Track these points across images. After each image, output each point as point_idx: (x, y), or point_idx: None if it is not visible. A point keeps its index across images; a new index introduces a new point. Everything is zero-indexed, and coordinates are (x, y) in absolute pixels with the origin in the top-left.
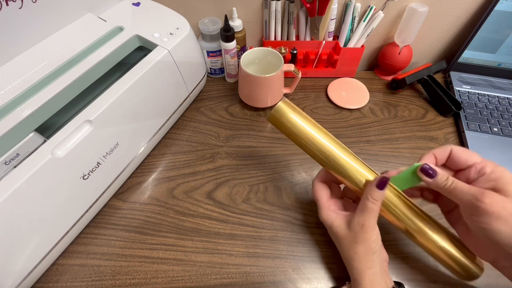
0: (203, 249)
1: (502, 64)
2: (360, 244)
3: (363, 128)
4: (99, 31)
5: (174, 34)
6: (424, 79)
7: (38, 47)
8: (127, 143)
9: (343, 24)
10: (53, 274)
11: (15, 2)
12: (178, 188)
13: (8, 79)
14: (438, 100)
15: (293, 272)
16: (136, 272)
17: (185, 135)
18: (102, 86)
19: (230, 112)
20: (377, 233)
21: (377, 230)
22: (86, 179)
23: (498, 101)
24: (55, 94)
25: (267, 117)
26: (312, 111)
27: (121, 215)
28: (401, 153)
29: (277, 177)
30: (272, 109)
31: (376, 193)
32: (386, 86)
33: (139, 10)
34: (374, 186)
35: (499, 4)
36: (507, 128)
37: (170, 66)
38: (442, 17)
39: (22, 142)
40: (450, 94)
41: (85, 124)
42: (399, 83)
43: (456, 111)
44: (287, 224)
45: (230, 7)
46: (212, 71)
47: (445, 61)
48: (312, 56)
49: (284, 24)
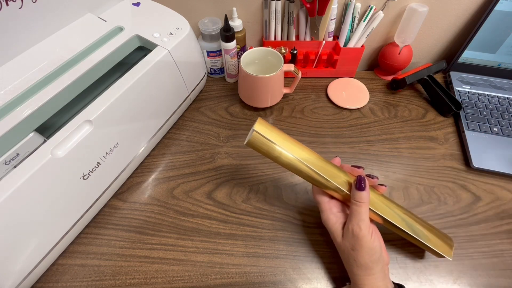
0: (203, 249)
1: (502, 64)
2: (358, 252)
3: (363, 128)
4: (99, 31)
5: (174, 34)
6: (424, 79)
7: (38, 47)
8: (127, 143)
9: (343, 24)
10: (53, 274)
11: (15, 2)
12: (178, 188)
13: (8, 79)
14: (438, 100)
15: (293, 272)
16: (136, 272)
17: (185, 135)
18: (102, 86)
19: (230, 112)
20: (375, 240)
21: (376, 236)
22: (86, 179)
23: (498, 101)
24: (55, 94)
25: (246, 143)
26: (312, 111)
27: (121, 215)
28: (401, 153)
29: (277, 177)
30: (248, 137)
31: (357, 194)
32: (386, 86)
33: (139, 10)
34: (354, 189)
35: (499, 4)
36: (507, 128)
37: (170, 66)
38: (442, 17)
39: (22, 142)
40: (450, 94)
41: (85, 124)
42: (399, 83)
43: (456, 111)
44: (287, 224)
45: (230, 7)
46: (212, 71)
47: (445, 61)
48: (312, 56)
49: (284, 24)
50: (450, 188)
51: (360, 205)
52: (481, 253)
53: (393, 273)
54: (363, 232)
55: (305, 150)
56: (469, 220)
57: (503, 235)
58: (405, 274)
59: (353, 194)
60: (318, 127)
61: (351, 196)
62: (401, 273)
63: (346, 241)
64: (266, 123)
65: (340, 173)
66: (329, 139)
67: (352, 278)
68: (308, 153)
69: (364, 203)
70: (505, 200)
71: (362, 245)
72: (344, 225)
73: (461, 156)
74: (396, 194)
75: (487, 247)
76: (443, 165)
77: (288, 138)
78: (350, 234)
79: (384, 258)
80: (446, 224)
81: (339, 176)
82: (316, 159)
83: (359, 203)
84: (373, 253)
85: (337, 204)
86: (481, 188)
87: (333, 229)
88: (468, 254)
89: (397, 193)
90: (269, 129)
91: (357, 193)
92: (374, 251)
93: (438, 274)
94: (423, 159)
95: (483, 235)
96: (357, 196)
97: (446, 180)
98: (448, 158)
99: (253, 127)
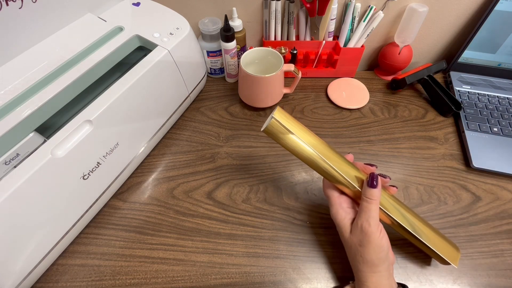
0: (203, 249)
1: (502, 64)
2: (365, 248)
3: (363, 128)
4: (99, 31)
5: (174, 34)
6: (424, 79)
7: (38, 47)
8: (127, 143)
9: (343, 24)
10: (53, 274)
11: (15, 2)
12: (178, 188)
13: (8, 79)
14: (438, 100)
15: (293, 272)
16: (136, 272)
17: (185, 135)
18: (102, 86)
19: (230, 112)
20: (383, 237)
21: (384, 234)
22: (86, 179)
23: (498, 101)
24: (55, 94)
25: (263, 129)
26: (312, 111)
27: (121, 215)
28: (401, 153)
29: (277, 177)
30: (266, 123)
31: (369, 191)
32: (386, 86)
33: (139, 10)
34: (366, 186)
35: (499, 4)
36: (507, 128)
37: (170, 66)
38: (442, 17)
39: (22, 142)
40: (450, 94)
41: (85, 124)
42: (399, 83)
43: (456, 111)
44: (287, 224)
45: (230, 7)
46: (212, 71)
47: (445, 61)
48: (312, 56)
49: (284, 24)
50: (450, 188)
51: (371, 202)
52: (481, 253)
53: (394, 273)
54: (372, 228)
55: (320, 142)
56: (469, 220)
57: (503, 235)
58: (405, 274)
59: (365, 191)
60: (318, 127)
61: (362, 192)
62: (401, 273)
63: (354, 237)
64: (284, 112)
65: (353, 169)
66: (329, 139)
67: (357, 275)
68: (323, 146)
69: (375, 200)
70: (505, 200)
71: (370, 241)
72: (353, 221)
73: (461, 156)
74: (396, 194)
75: (487, 247)
76: (443, 165)
77: (305, 129)
78: (358, 230)
79: (390, 257)
80: (446, 224)
81: (352, 171)
82: (331, 153)
83: (370, 200)
84: (380, 251)
85: (347, 200)
86: (481, 188)
87: (342, 224)
88: (468, 254)
89: (397, 193)
90: (287, 118)
91: (368, 190)
92: (382, 249)
93: (438, 274)
94: (423, 159)
95: (483, 235)
96: (368, 193)
97: (446, 180)
98: (448, 158)
99: (272, 114)
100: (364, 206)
